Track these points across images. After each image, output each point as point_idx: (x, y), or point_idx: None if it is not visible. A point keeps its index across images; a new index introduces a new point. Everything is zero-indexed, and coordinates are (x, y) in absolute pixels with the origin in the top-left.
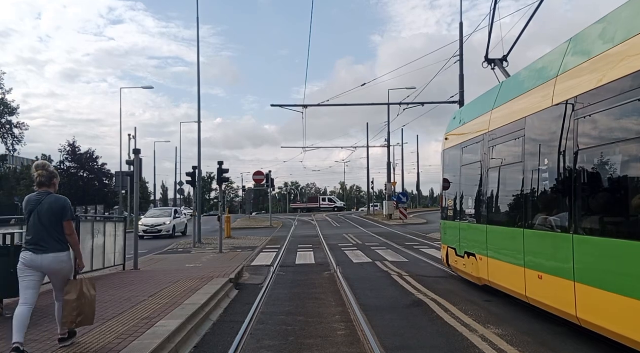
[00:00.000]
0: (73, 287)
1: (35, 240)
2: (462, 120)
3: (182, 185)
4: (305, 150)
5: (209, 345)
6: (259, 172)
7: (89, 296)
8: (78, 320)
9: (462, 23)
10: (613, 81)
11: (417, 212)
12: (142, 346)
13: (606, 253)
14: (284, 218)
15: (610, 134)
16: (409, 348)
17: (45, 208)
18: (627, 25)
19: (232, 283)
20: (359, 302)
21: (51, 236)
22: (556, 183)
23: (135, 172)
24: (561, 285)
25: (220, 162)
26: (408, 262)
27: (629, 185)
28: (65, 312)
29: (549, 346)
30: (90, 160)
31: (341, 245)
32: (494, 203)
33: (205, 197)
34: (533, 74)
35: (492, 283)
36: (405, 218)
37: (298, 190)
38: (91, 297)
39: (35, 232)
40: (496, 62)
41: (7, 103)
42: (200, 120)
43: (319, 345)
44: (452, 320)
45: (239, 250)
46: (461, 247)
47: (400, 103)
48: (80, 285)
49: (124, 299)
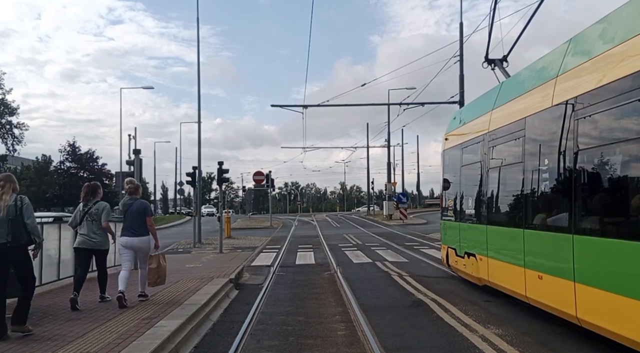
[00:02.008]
0: (154, 259)
1: (129, 229)
2: (462, 121)
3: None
4: (305, 150)
5: (209, 345)
6: (259, 172)
7: (163, 266)
8: (157, 281)
9: (462, 23)
10: (613, 81)
11: (417, 212)
12: (142, 346)
13: (606, 254)
14: (284, 219)
15: (610, 134)
16: (409, 348)
17: (135, 209)
18: (627, 25)
19: (232, 284)
20: (359, 302)
21: (139, 226)
22: (556, 184)
23: (135, 172)
24: (561, 285)
25: (220, 162)
26: (408, 262)
27: (629, 185)
28: (149, 276)
29: (549, 346)
30: (90, 160)
31: (341, 245)
32: (494, 204)
33: (205, 197)
34: (533, 74)
35: (492, 284)
36: (405, 219)
37: (298, 190)
38: (164, 266)
39: (129, 223)
40: (496, 62)
41: (7, 103)
42: (200, 120)
43: (319, 345)
44: (452, 320)
45: (239, 250)
46: (461, 247)
47: (400, 103)
48: (158, 258)
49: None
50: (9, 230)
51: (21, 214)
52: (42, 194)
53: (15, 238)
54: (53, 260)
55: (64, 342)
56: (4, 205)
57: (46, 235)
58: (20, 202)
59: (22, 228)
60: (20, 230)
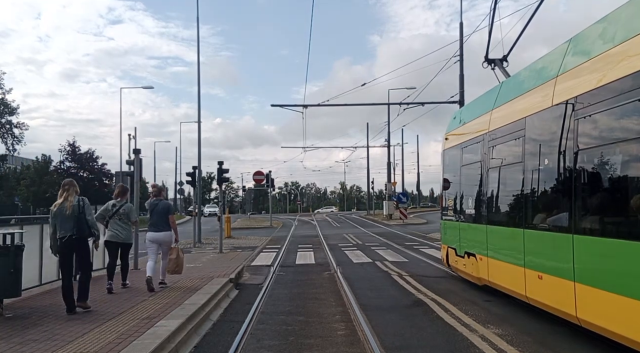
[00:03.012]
0: (174, 251)
1: (155, 225)
2: (462, 120)
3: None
4: (305, 150)
5: (209, 345)
6: (259, 172)
7: (181, 257)
8: (176, 270)
9: (462, 23)
10: (613, 81)
11: (417, 212)
12: (142, 346)
13: (606, 253)
14: (284, 218)
15: (610, 134)
16: (409, 348)
17: (160, 208)
18: (627, 25)
19: (232, 283)
20: (359, 301)
21: (163, 223)
22: (556, 183)
23: (135, 172)
24: (561, 285)
25: (220, 162)
26: (408, 262)
27: (628, 185)
28: (169, 265)
29: (549, 346)
30: (90, 160)
31: (341, 245)
32: (494, 203)
33: (205, 197)
34: (533, 74)
35: (492, 283)
36: (405, 218)
37: (298, 190)
38: (182, 257)
39: (155, 220)
40: (496, 62)
41: (7, 103)
42: (200, 120)
43: (319, 345)
44: (452, 320)
45: (239, 250)
46: (461, 247)
47: (400, 103)
48: (177, 250)
49: (124, 299)
50: (74, 225)
51: (83, 212)
52: (42, 194)
53: (79, 231)
54: (53, 260)
55: (64, 342)
56: (69, 205)
57: (45, 235)
58: (82, 202)
59: (84, 223)
60: (83, 225)
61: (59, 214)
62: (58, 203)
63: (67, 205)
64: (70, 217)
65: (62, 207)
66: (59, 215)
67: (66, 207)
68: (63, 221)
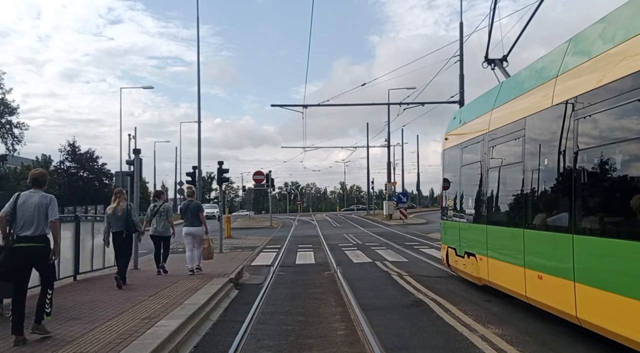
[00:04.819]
0: (206, 241)
1: (190, 221)
2: (462, 120)
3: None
4: (305, 150)
5: (209, 345)
6: (258, 172)
7: (211, 246)
8: (208, 256)
9: (462, 22)
10: (613, 81)
11: (417, 212)
12: (142, 346)
13: (606, 254)
14: (284, 218)
15: (610, 134)
16: (409, 348)
17: (192, 207)
18: (627, 25)
19: (232, 283)
20: (359, 301)
21: (195, 219)
22: (556, 183)
23: (135, 172)
24: (561, 285)
25: (220, 162)
26: (408, 262)
27: (629, 185)
28: (203, 254)
29: (549, 346)
30: (90, 160)
31: (341, 245)
32: (494, 203)
33: (205, 197)
34: (533, 74)
35: (492, 283)
36: (405, 218)
37: (298, 190)
38: (212, 246)
39: (189, 218)
40: (496, 62)
41: (7, 103)
42: (200, 120)
43: (319, 344)
44: (452, 319)
45: (239, 250)
46: (461, 247)
47: (400, 103)
48: (208, 240)
49: (124, 299)
50: (124, 223)
51: (130, 214)
52: None
53: (128, 228)
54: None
55: (64, 342)
56: (121, 208)
57: None
58: (129, 206)
59: (131, 222)
60: (130, 223)
61: (113, 215)
62: (112, 206)
63: (120, 208)
64: (121, 217)
65: (115, 209)
66: (112, 215)
67: (118, 209)
68: (116, 220)
